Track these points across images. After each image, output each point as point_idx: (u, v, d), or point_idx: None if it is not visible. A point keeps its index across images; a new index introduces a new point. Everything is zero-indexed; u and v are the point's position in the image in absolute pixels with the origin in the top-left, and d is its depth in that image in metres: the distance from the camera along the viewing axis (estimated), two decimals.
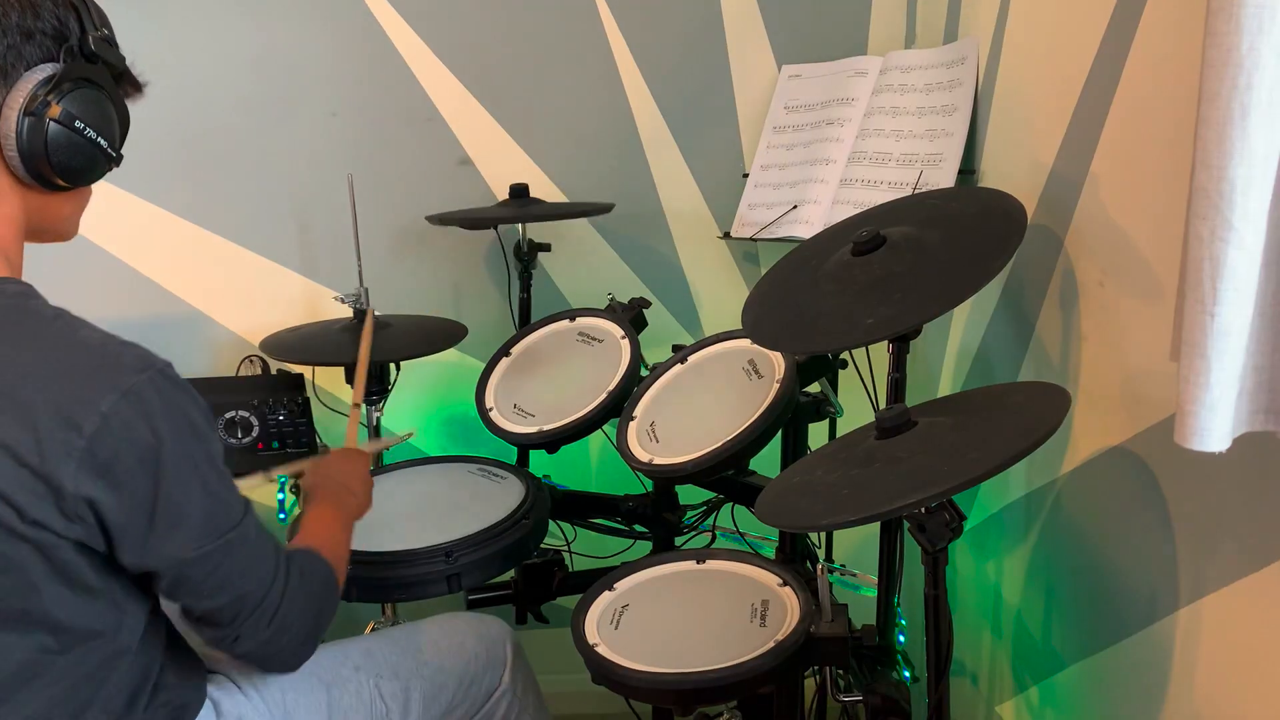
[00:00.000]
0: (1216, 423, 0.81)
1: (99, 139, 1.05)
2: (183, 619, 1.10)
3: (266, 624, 1.08)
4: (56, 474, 0.93)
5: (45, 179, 1.03)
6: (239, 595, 1.05)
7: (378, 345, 1.77)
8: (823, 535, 1.77)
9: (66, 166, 1.03)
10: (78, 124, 1.02)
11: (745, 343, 1.57)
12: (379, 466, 1.79)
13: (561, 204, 1.99)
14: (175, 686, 1.11)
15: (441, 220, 1.85)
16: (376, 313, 1.85)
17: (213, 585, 1.03)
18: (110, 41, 1.06)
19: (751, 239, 1.90)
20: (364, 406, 1.71)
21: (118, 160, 1.09)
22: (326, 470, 1.39)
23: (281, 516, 1.80)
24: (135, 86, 1.15)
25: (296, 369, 1.90)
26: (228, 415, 1.75)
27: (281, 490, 1.75)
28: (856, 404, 1.54)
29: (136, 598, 1.05)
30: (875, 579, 1.45)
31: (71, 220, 1.12)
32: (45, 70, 1.00)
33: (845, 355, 1.56)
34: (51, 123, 1.00)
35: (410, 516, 1.59)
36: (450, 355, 2.00)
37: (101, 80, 1.05)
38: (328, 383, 2.03)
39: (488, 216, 1.89)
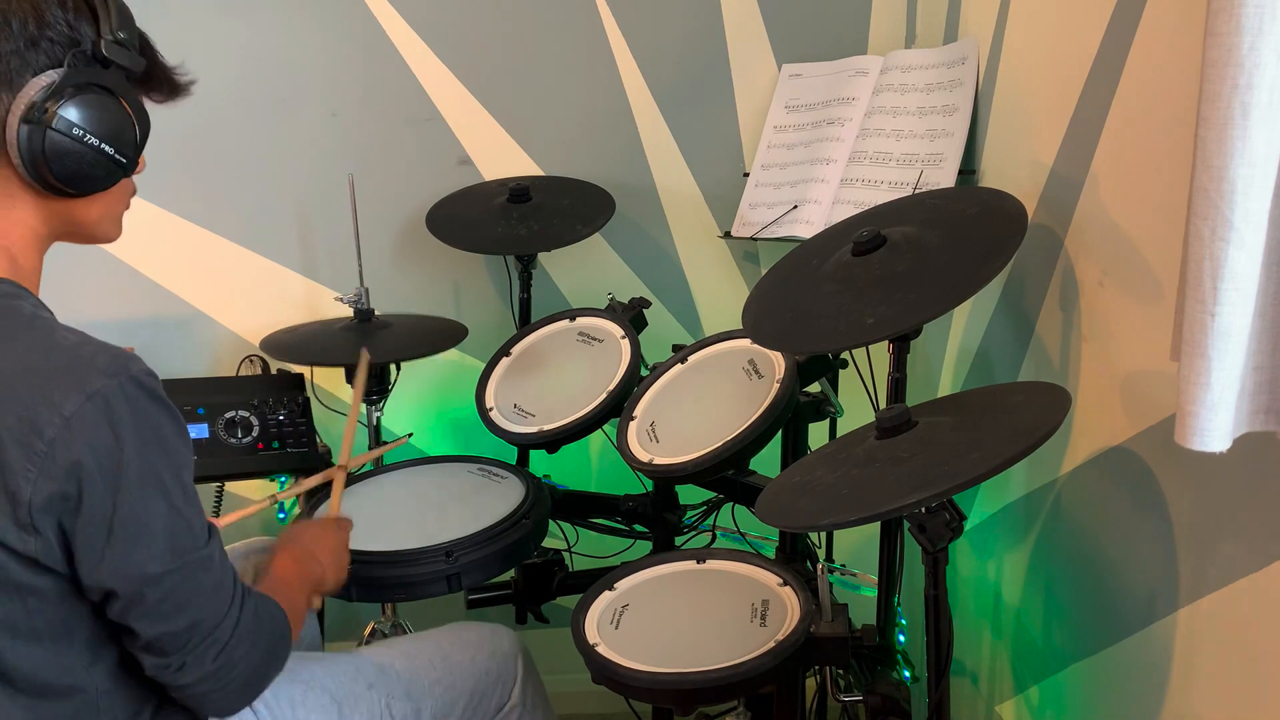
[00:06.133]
0: (1217, 423, 0.81)
1: (103, 145, 1.02)
2: (129, 646, 1.03)
3: (214, 657, 1.02)
4: (14, 481, 0.91)
5: (52, 186, 1.02)
6: (193, 622, 1.01)
7: (378, 346, 1.77)
8: (823, 535, 1.77)
9: (70, 174, 1.01)
10: (76, 131, 1.00)
11: (745, 343, 1.57)
12: (379, 466, 1.79)
13: (559, 212, 1.99)
14: (178, 713, 1.10)
15: (441, 235, 1.86)
16: (377, 312, 1.85)
17: (169, 608, 0.99)
18: (127, 45, 1.04)
19: (752, 239, 1.90)
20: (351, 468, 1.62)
21: (130, 166, 1.07)
22: (300, 533, 1.35)
23: (281, 516, 1.81)
24: (171, 87, 1.12)
25: (296, 369, 1.90)
26: (228, 415, 1.75)
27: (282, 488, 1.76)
28: (856, 404, 1.54)
29: (101, 643, 1.02)
30: (875, 579, 1.45)
31: (103, 224, 1.11)
32: (49, 77, 0.99)
33: (845, 355, 1.56)
34: (50, 131, 0.99)
35: (410, 516, 1.59)
36: (450, 355, 2.00)
37: (114, 85, 1.03)
38: (328, 383, 2.03)
39: (488, 238, 1.89)
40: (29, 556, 0.94)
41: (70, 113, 1.00)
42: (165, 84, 1.12)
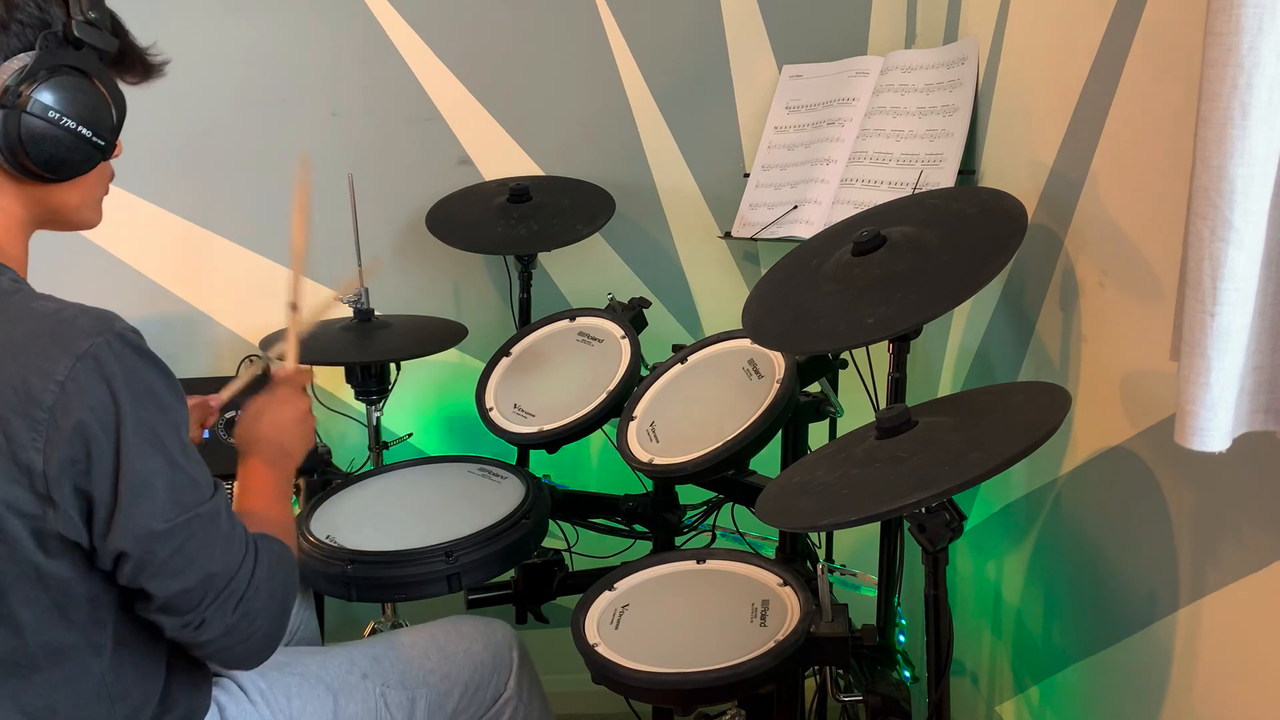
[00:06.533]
0: (1217, 422, 0.81)
1: (80, 128, 1.01)
2: (144, 611, 1.03)
3: (232, 609, 1.03)
4: (24, 454, 0.92)
5: (30, 171, 1.01)
6: (206, 575, 1.01)
7: (378, 346, 1.77)
8: (823, 535, 1.77)
9: (48, 158, 1.00)
10: (52, 114, 0.98)
11: (745, 343, 1.57)
12: (379, 467, 1.79)
13: (559, 213, 1.99)
14: (180, 701, 1.11)
15: (441, 235, 1.86)
16: (377, 313, 1.85)
17: (179, 563, 0.99)
18: (97, 25, 1.02)
19: (752, 239, 1.90)
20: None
21: (108, 149, 1.05)
22: (261, 423, 1.27)
23: None
24: (144, 68, 1.11)
25: None
26: (228, 415, 1.74)
27: None
28: (856, 404, 1.54)
29: (120, 628, 1.03)
30: (875, 579, 1.45)
31: (83, 210, 1.10)
32: (21, 60, 0.97)
33: (845, 355, 1.56)
34: (25, 115, 0.97)
35: (410, 516, 1.59)
36: (450, 355, 2.00)
37: (87, 66, 1.02)
38: (328, 383, 2.03)
39: (488, 238, 1.89)
40: (52, 533, 0.95)
41: (45, 96, 0.98)
42: (139, 64, 1.10)
